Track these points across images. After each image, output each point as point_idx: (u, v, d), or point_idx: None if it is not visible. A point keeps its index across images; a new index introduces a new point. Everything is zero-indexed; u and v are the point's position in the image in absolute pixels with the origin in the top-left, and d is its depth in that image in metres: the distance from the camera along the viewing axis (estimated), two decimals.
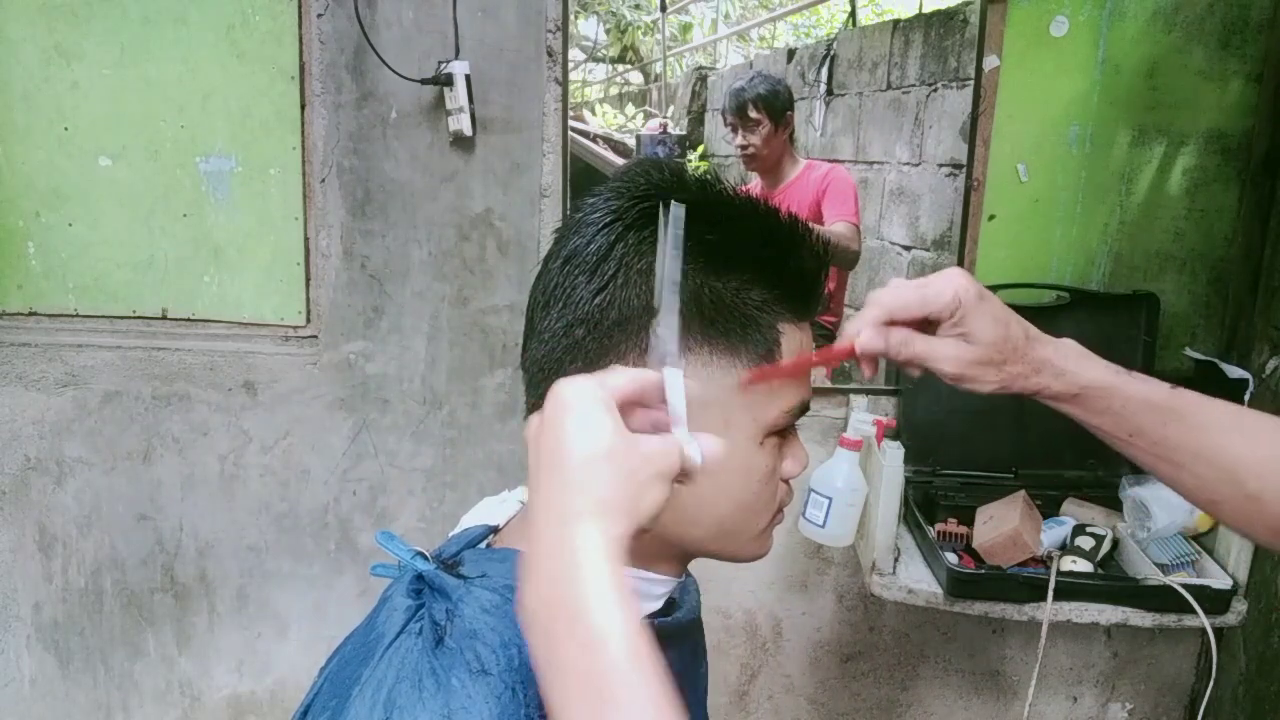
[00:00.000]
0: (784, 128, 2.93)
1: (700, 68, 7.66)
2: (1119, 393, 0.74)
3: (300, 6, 1.81)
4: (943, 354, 0.72)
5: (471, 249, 1.89)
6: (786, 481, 0.73)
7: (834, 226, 2.75)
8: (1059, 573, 1.53)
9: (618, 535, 0.51)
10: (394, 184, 1.86)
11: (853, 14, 5.54)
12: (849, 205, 2.83)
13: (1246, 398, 1.74)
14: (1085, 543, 1.63)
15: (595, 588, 0.49)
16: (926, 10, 4.36)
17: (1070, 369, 0.74)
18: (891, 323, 0.71)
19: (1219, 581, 1.54)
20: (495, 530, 0.75)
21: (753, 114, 2.89)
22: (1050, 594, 1.51)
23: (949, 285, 0.71)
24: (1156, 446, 0.75)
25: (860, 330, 0.71)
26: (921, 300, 0.71)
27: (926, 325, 0.73)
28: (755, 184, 3.04)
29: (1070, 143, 1.79)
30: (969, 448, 1.79)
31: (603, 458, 0.52)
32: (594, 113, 8.01)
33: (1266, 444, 0.73)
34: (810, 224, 0.71)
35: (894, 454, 1.53)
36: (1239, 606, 1.54)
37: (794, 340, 0.68)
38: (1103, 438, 0.76)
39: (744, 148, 2.96)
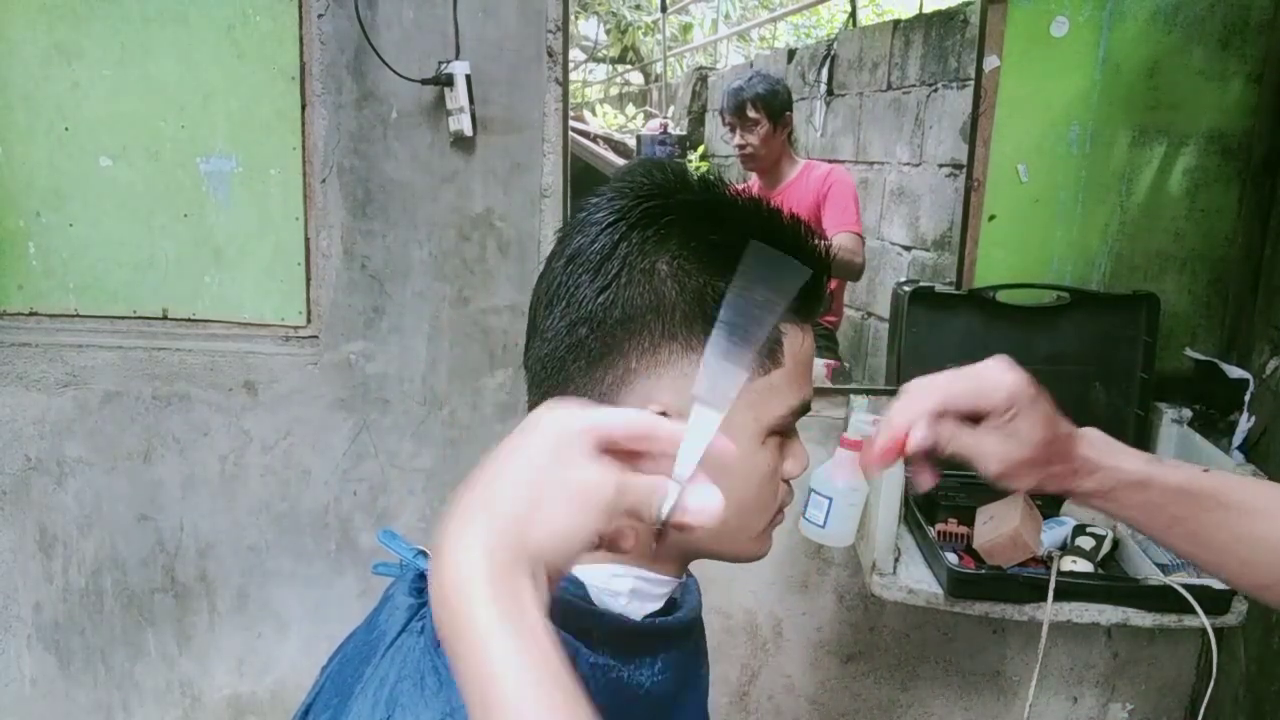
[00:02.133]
0: (782, 128, 2.93)
1: (701, 68, 7.66)
2: (1155, 483, 0.71)
3: (300, 6, 1.81)
4: (990, 452, 0.69)
5: (472, 249, 1.89)
6: (787, 482, 0.73)
7: (837, 238, 2.73)
8: (1059, 573, 1.53)
9: (503, 561, 0.46)
10: (394, 184, 1.86)
11: (853, 14, 5.54)
12: (850, 213, 2.81)
13: (1247, 398, 1.74)
14: (1085, 543, 1.63)
15: (480, 613, 0.45)
16: (926, 10, 4.36)
17: (1106, 464, 0.71)
18: (940, 414, 0.68)
19: (1219, 582, 1.54)
20: None
21: (751, 114, 2.88)
22: (1050, 594, 1.51)
23: (1004, 382, 0.68)
24: (1197, 535, 0.72)
25: (914, 423, 0.67)
26: (976, 394, 0.68)
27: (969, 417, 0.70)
28: (753, 182, 3.05)
29: (1070, 143, 1.79)
30: None
31: (524, 468, 0.48)
32: (594, 113, 8.01)
33: None
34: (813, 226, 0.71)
35: None
36: (1239, 607, 1.54)
37: (796, 341, 0.68)
38: (1138, 528, 0.74)
39: (742, 147, 2.96)
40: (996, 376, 0.68)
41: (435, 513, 2.00)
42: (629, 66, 9.85)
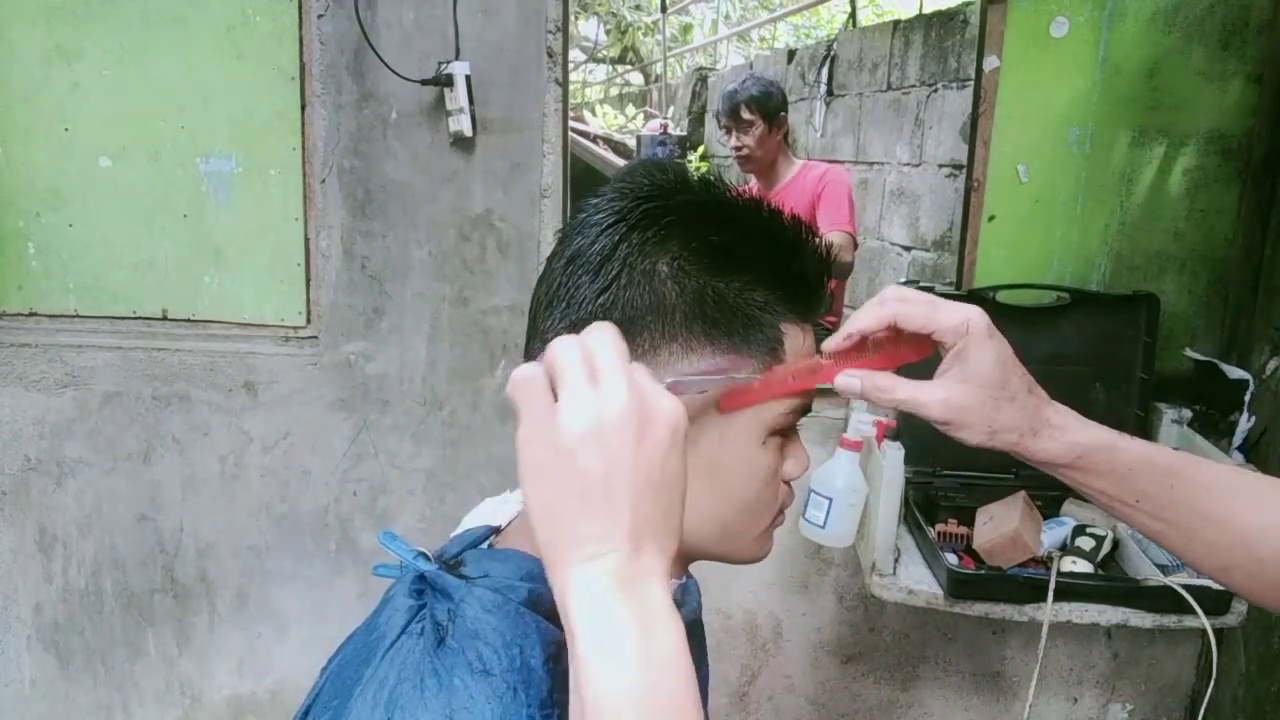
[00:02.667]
0: (777, 129, 2.93)
1: (700, 68, 7.67)
2: (1122, 454, 0.71)
3: (300, 7, 1.81)
4: (931, 396, 0.69)
5: (472, 249, 1.89)
6: (787, 483, 0.73)
7: (828, 236, 2.73)
8: (1059, 573, 1.53)
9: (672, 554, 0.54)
10: (394, 184, 1.86)
11: (853, 15, 5.55)
12: (843, 212, 2.82)
13: (1247, 398, 1.74)
14: (1085, 543, 1.63)
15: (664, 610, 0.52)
16: (926, 11, 4.37)
17: (1071, 430, 0.71)
18: (894, 329, 0.70)
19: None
20: (497, 530, 0.75)
21: (745, 115, 2.89)
22: (1050, 594, 1.51)
23: (960, 311, 0.69)
24: (1163, 510, 0.72)
25: (860, 323, 0.70)
26: (929, 316, 0.69)
27: (924, 361, 0.71)
28: (754, 184, 3.05)
29: (1070, 143, 1.79)
30: (969, 448, 1.78)
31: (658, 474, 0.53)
32: (594, 113, 8.01)
33: (1271, 507, 0.72)
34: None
35: (894, 454, 1.53)
36: (1239, 607, 1.54)
37: (796, 341, 0.68)
38: (1105, 504, 0.74)
39: (738, 149, 2.96)
40: (954, 307, 0.69)
41: (435, 513, 2.00)
42: (629, 67, 9.85)
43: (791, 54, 5.21)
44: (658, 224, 0.65)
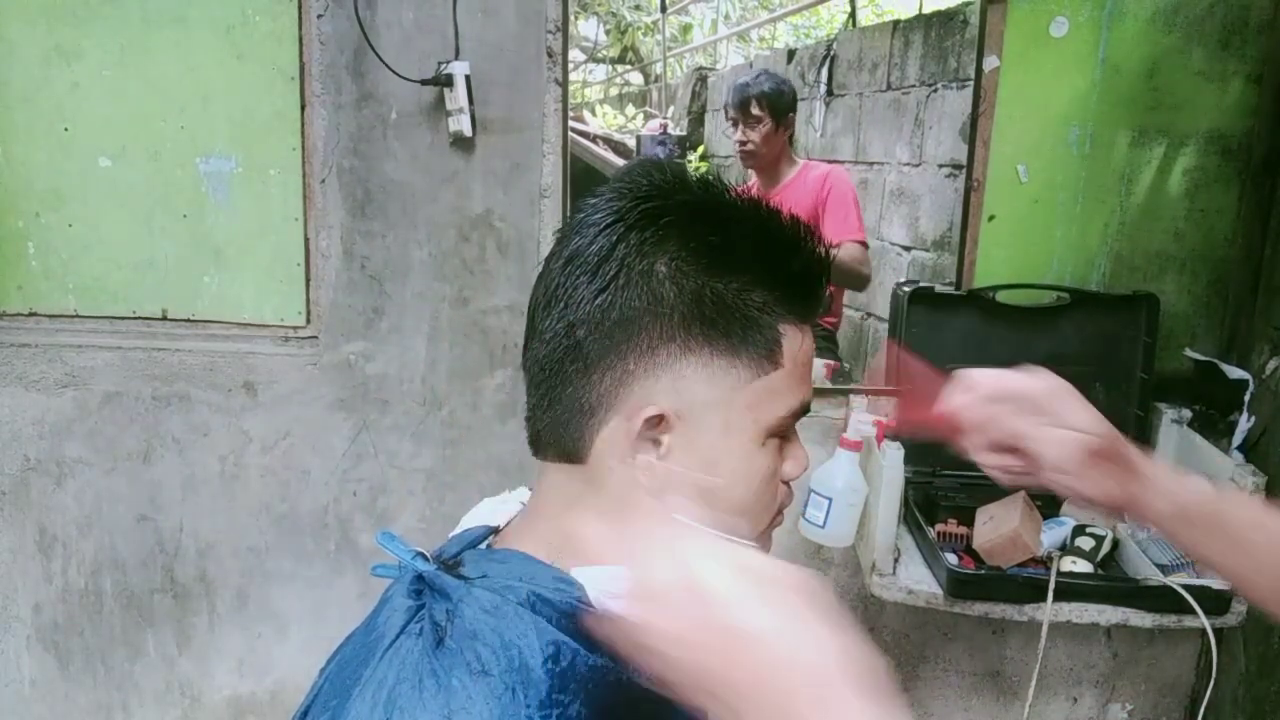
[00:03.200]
0: (785, 128, 2.92)
1: (700, 68, 7.66)
2: (1227, 513, 0.73)
3: (300, 7, 1.81)
4: (1049, 436, 0.72)
5: (472, 249, 1.89)
6: (787, 483, 0.73)
7: (843, 249, 2.71)
8: (1059, 573, 1.53)
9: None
10: (394, 184, 1.86)
11: (853, 15, 5.54)
12: (852, 220, 2.80)
13: (1246, 398, 1.74)
14: (1085, 543, 1.63)
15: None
16: (926, 10, 4.36)
17: (1170, 484, 0.73)
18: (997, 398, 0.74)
19: (1219, 582, 1.54)
20: (496, 531, 0.75)
21: (755, 110, 2.88)
22: (1050, 594, 1.51)
23: (1035, 374, 0.73)
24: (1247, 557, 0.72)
25: (964, 401, 0.73)
26: (1021, 386, 0.73)
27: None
28: (753, 183, 3.04)
29: (1070, 143, 1.79)
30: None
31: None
32: (594, 113, 8.01)
33: None
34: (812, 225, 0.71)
35: (894, 454, 1.53)
36: (1239, 607, 1.54)
37: (795, 342, 0.68)
38: (1216, 569, 0.74)
39: (743, 144, 2.95)
40: (1028, 373, 0.74)
41: (435, 513, 2.00)
42: (629, 67, 9.84)
43: (791, 54, 5.20)
44: (656, 224, 0.65)
